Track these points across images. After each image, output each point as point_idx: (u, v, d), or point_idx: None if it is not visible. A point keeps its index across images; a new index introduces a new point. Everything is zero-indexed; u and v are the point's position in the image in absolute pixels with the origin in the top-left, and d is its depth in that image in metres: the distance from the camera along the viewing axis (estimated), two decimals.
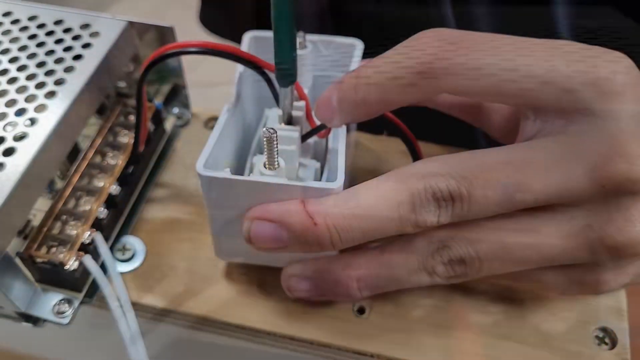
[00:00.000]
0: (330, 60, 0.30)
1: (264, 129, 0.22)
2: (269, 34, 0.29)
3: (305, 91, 0.26)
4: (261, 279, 0.28)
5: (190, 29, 0.27)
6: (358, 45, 0.29)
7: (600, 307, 0.27)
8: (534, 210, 0.22)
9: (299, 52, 0.28)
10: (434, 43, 0.22)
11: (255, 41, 0.29)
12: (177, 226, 0.30)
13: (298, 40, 0.28)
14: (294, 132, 0.26)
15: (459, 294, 0.28)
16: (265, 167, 0.24)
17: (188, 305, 0.28)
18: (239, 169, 0.28)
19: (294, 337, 0.27)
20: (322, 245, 0.23)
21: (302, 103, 0.26)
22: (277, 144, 0.23)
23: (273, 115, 0.28)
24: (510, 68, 0.22)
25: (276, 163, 0.23)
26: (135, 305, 0.27)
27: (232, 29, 0.44)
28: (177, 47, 0.25)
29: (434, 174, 0.22)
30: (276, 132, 0.22)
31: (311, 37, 0.29)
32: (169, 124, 0.34)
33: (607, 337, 0.26)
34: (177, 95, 0.34)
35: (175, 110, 0.34)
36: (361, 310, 0.27)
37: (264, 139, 0.23)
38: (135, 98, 0.32)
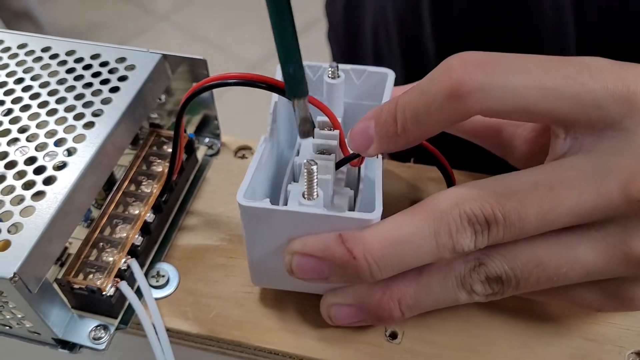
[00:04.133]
0: (362, 89, 0.30)
1: (305, 160, 0.23)
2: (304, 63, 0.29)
3: (339, 120, 0.27)
4: (292, 304, 0.29)
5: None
6: (390, 75, 0.29)
7: (634, 330, 0.27)
8: (569, 227, 0.22)
9: (332, 81, 0.28)
10: (459, 66, 0.22)
11: None
12: (209, 253, 0.31)
13: (330, 70, 0.28)
14: (329, 162, 0.26)
15: (490, 317, 0.28)
16: (304, 197, 0.24)
17: (221, 331, 0.28)
18: (273, 196, 0.28)
19: None
20: (362, 278, 0.23)
21: (335, 132, 0.27)
22: (317, 175, 0.23)
23: (306, 143, 0.28)
24: (538, 87, 0.22)
25: (315, 193, 0.24)
26: (169, 331, 0.28)
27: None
28: (217, 79, 0.26)
29: (467, 200, 0.22)
30: (317, 163, 0.23)
31: (344, 67, 0.29)
32: (200, 153, 0.35)
33: None
34: (207, 125, 0.35)
35: (206, 140, 0.35)
36: (393, 335, 0.27)
37: (305, 170, 0.23)
38: (168, 128, 0.33)
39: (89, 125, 0.28)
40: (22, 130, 0.28)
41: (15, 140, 0.27)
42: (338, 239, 0.23)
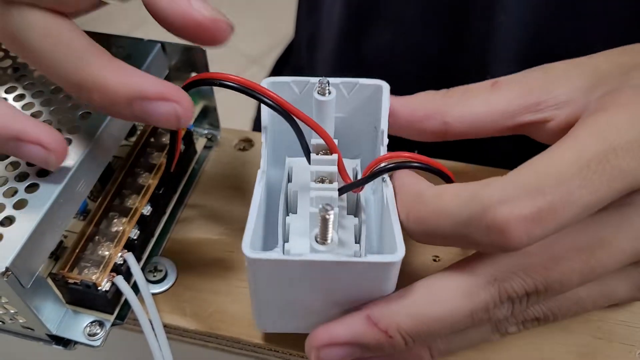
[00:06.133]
0: (353, 103, 0.28)
1: (321, 206, 0.21)
2: (285, 79, 0.27)
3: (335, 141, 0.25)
4: None
5: None
6: (385, 87, 0.27)
7: None
8: None
9: (322, 98, 0.26)
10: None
11: (273, 87, 0.27)
12: (207, 247, 0.30)
13: (322, 86, 0.26)
14: (332, 192, 0.24)
15: None
16: (317, 241, 0.22)
17: (220, 327, 0.27)
18: (266, 228, 0.27)
19: None
20: (397, 350, 0.22)
21: (334, 157, 0.25)
22: (333, 220, 0.22)
23: (299, 165, 0.26)
24: None
25: (329, 238, 0.22)
26: (167, 327, 0.27)
27: None
28: (218, 78, 0.24)
29: (506, 274, 0.21)
30: (334, 208, 0.21)
31: (333, 81, 0.27)
32: (199, 145, 0.34)
33: None
34: (207, 116, 0.34)
35: (205, 131, 0.34)
36: None
37: (320, 216, 0.21)
38: None
39: (85, 115, 0.27)
40: None
41: None
42: (368, 322, 0.22)
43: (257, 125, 0.57)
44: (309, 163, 0.25)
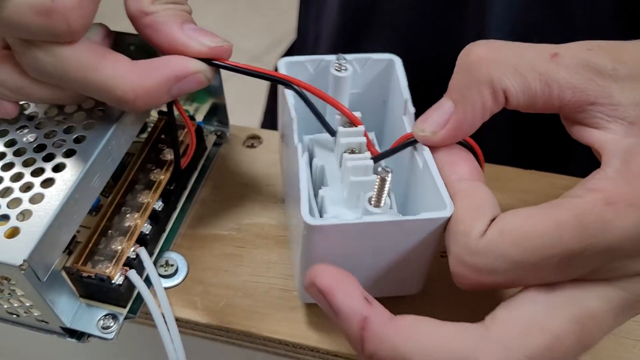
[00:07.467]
0: (365, 78, 0.29)
1: (381, 168, 0.22)
2: (300, 59, 0.28)
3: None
4: None
5: None
6: (397, 61, 0.28)
7: None
8: None
9: (340, 74, 0.27)
10: None
11: (288, 66, 0.28)
12: (217, 242, 0.31)
13: (339, 62, 0.27)
14: (368, 161, 0.25)
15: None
16: (370, 203, 0.23)
17: (231, 321, 0.28)
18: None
19: (338, 353, 0.27)
20: (356, 351, 0.22)
21: (361, 128, 0.26)
22: (389, 183, 0.23)
23: (318, 141, 0.27)
24: None
25: (383, 201, 0.23)
26: (179, 321, 0.28)
27: None
28: (235, 65, 0.26)
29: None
30: (391, 171, 0.22)
31: (347, 57, 0.28)
32: (208, 141, 0.34)
33: None
34: (216, 113, 0.34)
35: (215, 128, 0.35)
36: None
37: (379, 178, 0.22)
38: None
39: (99, 112, 0.27)
40: (30, 117, 0.27)
41: (24, 127, 0.27)
42: (361, 324, 0.21)
43: (267, 117, 0.57)
44: (332, 135, 0.26)
